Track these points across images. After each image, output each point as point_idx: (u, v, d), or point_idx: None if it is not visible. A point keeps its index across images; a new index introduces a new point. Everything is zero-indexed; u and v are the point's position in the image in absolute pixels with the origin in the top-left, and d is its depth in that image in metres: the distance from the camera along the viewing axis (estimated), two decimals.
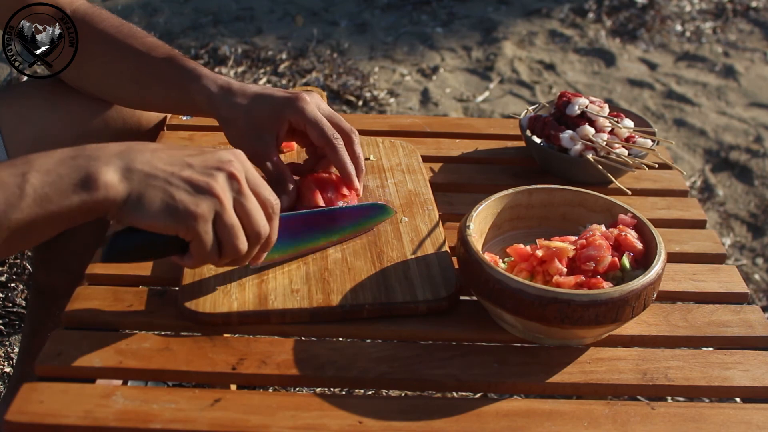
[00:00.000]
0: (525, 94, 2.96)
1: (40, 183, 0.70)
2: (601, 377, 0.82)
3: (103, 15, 1.09)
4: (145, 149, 0.78)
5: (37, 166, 0.71)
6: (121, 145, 0.77)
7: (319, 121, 0.98)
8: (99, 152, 0.75)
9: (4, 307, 1.77)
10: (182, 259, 0.81)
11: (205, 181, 0.77)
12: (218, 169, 0.79)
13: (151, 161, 0.77)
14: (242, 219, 0.80)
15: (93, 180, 0.72)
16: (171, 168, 0.77)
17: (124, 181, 0.74)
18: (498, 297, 0.81)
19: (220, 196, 0.77)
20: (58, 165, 0.72)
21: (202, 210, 0.77)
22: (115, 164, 0.74)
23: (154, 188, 0.75)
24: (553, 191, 0.96)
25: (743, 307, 0.93)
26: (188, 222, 0.76)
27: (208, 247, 0.78)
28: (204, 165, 0.79)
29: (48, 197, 0.71)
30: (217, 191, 0.77)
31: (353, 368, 0.81)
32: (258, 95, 0.99)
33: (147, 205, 0.75)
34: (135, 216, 0.75)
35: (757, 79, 3.18)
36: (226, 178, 0.79)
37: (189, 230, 0.77)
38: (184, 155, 0.79)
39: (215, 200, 0.77)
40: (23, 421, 0.73)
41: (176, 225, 0.76)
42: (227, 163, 0.80)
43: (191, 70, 1.01)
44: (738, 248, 2.24)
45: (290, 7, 3.56)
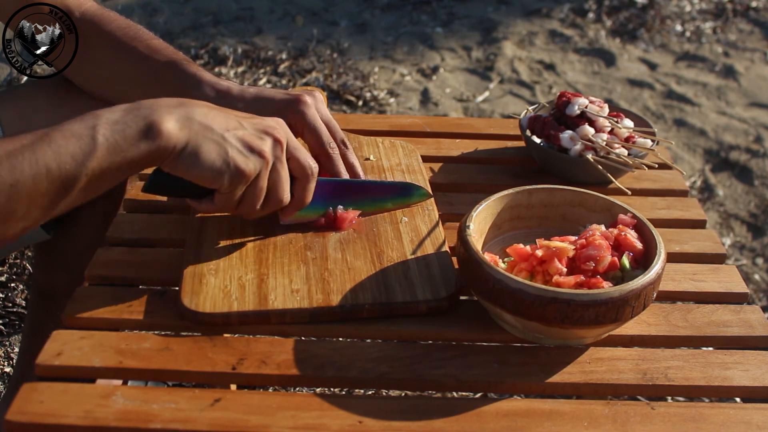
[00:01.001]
0: (525, 94, 2.96)
1: (111, 132, 0.76)
2: (601, 377, 0.82)
3: (111, 17, 1.09)
4: (202, 105, 0.84)
5: (105, 119, 0.77)
6: (179, 99, 0.84)
7: (318, 128, 0.99)
8: (159, 103, 0.81)
9: (4, 307, 1.77)
10: (199, 204, 0.88)
11: (257, 143, 0.84)
12: (267, 134, 0.86)
13: (209, 115, 0.83)
14: (270, 184, 0.87)
15: (156, 128, 0.78)
16: (227, 125, 0.84)
17: (183, 129, 0.80)
18: (498, 297, 0.81)
19: (267, 159, 0.85)
20: (124, 115, 0.78)
21: (250, 170, 0.84)
22: (176, 114, 0.80)
23: (211, 141, 0.82)
24: (553, 191, 0.96)
25: (743, 307, 0.94)
26: (235, 179, 0.84)
27: (233, 202, 0.87)
28: (255, 128, 0.86)
29: (118, 145, 0.76)
30: (266, 154, 0.85)
31: (353, 368, 0.81)
32: (258, 98, 1.00)
33: (202, 157, 0.81)
34: (188, 165, 0.81)
35: (757, 79, 3.18)
36: (273, 142, 0.86)
37: (230, 186, 0.84)
38: (238, 116, 0.87)
39: (263, 162, 0.85)
40: (23, 421, 0.73)
41: (222, 179, 0.83)
42: (274, 128, 0.87)
43: (192, 76, 1.01)
44: (738, 248, 2.24)
45: (290, 7, 3.56)
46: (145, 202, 1.09)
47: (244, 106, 0.98)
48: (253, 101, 1.00)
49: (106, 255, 0.97)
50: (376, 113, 2.75)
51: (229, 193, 0.85)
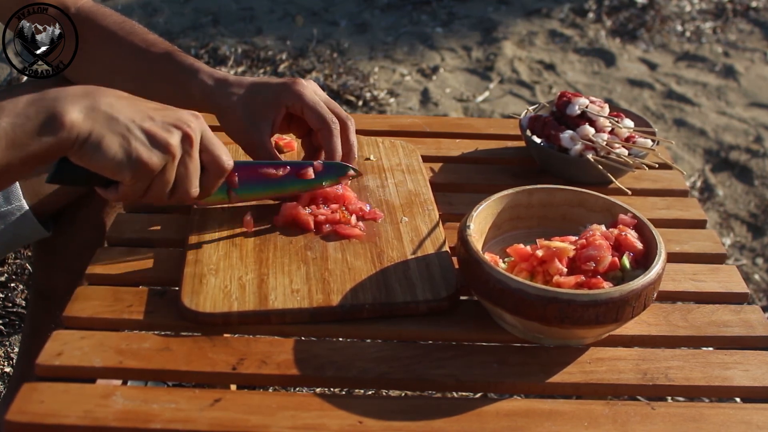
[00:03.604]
0: (525, 94, 2.96)
1: (11, 126, 0.73)
2: (601, 377, 0.82)
3: (106, 13, 1.09)
4: (110, 94, 0.81)
5: (7, 111, 0.74)
6: (87, 87, 0.81)
7: (316, 104, 1.00)
8: (64, 92, 0.78)
9: (4, 307, 1.77)
10: (106, 192, 0.86)
11: (163, 136, 0.81)
12: (176, 127, 0.83)
13: (115, 105, 0.80)
14: (178, 177, 0.85)
15: (59, 119, 0.75)
16: (133, 116, 0.81)
17: (87, 120, 0.77)
18: (498, 297, 0.81)
19: (173, 154, 0.82)
20: (26, 107, 0.75)
21: (153, 163, 0.81)
22: (80, 104, 0.78)
23: (114, 133, 0.79)
24: (553, 191, 0.96)
25: (743, 307, 0.93)
26: (138, 172, 0.81)
27: (139, 193, 0.84)
28: (164, 120, 0.83)
29: (18, 139, 0.74)
30: (172, 149, 0.82)
31: (353, 368, 0.81)
32: (255, 84, 1.02)
33: (105, 149, 0.78)
34: (91, 157, 0.79)
35: (757, 79, 3.18)
36: (182, 137, 0.83)
37: (133, 178, 0.81)
38: (147, 107, 0.84)
39: (167, 156, 0.82)
40: (23, 421, 0.73)
41: (124, 172, 0.80)
42: (185, 122, 0.84)
43: (189, 66, 1.02)
44: (738, 248, 2.24)
45: (290, 7, 3.56)
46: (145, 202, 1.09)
47: (242, 92, 1.00)
48: (250, 87, 1.01)
49: (106, 255, 0.97)
50: (376, 113, 2.75)
51: (133, 184, 0.83)
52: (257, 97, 1.00)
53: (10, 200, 1.08)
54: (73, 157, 0.79)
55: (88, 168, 0.80)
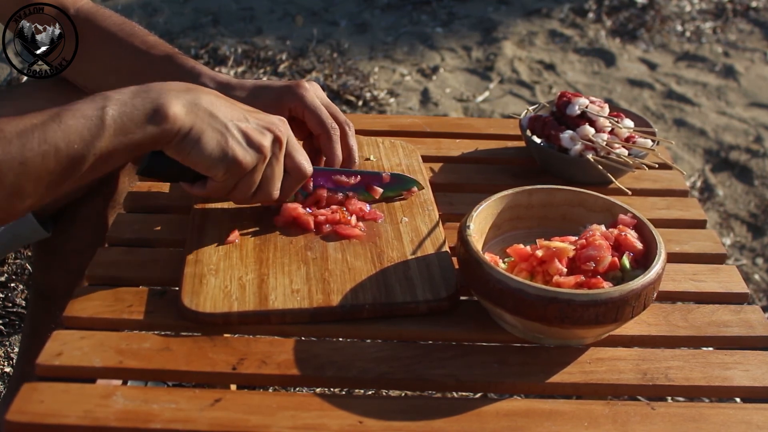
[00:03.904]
0: (525, 94, 2.96)
1: (119, 114, 0.78)
2: (601, 377, 0.82)
3: (106, 14, 1.09)
4: (209, 92, 0.86)
5: (114, 100, 0.78)
6: (187, 84, 0.85)
7: (317, 108, 1.01)
8: (168, 86, 0.83)
9: (4, 307, 1.77)
10: (192, 188, 0.90)
11: (258, 138, 0.86)
12: (269, 130, 0.87)
13: (215, 104, 0.85)
14: (264, 178, 0.89)
15: (163, 111, 0.79)
16: (231, 116, 0.85)
17: (190, 114, 0.81)
18: (498, 297, 0.81)
19: (265, 155, 0.87)
20: (132, 97, 0.79)
21: (247, 163, 0.85)
22: (184, 98, 0.82)
23: (213, 130, 0.83)
24: (553, 191, 0.96)
25: (743, 307, 0.93)
26: (231, 169, 0.85)
27: (226, 191, 0.88)
28: (258, 122, 0.87)
29: (125, 126, 0.78)
30: (265, 150, 0.87)
31: (353, 368, 0.81)
32: (257, 87, 1.03)
33: (204, 144, 0.83)
34: (189, 150, 0.83)
35: (757, 79, 3.18)
36: (273, 140, 0.88)
37: (225, 175, 0.85)
38: (242, 108, 0.88)
39: (260, 157, 0.87)
40: (24, 420, 0.73)
41: (219, 168, 0.85)
42: (277, 126, 0.89)
43: (190, 69, 1.02)
44: (738, 248, 2.24)
45: (290, 7, 3.56)
46: (145, 202, 1.09)
47: (244, 95, 1.00)
48: (252, 90, 1.02)
49: (106, 255, 0.97)
50: (376, 113, 2.75)
51: (222, 181, 0.87)
52: (260, 100, 1.00)
53: None
54: (171, 150, 0.83)
55: (183, 162, 0.84)
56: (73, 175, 0.77)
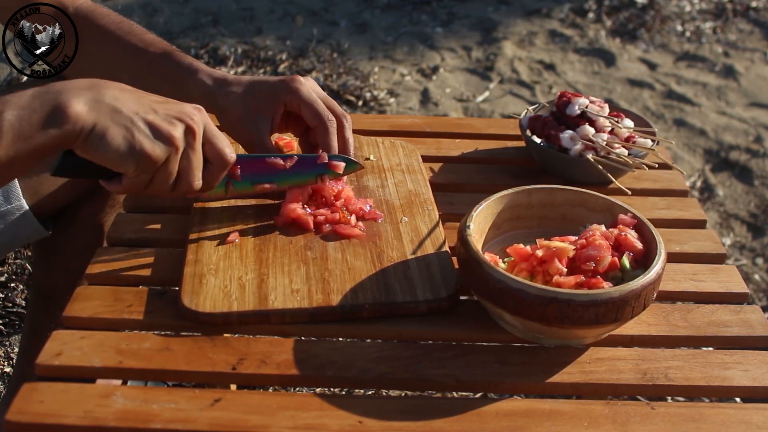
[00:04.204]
0: (525, 94, 2.96)
1: (17, 118, 0.74)
2: (601, 377, 0.82)
3: (104, 12, 1.09)
4: (113, 86, 0.82)
5: (12, 104, 0.75)
6: (91, 80, 0.81)
7: (313, 101, 1.00)
8: (69, 85, 0.78)
9: (4, 307, 1.77)
10: (109, 184, 0.86)
11: (166, 129, 0.82)
12: (179, 120, 0.84)
13: (119, 98, 0.81)
14: (181, 169, 0.85)
15: (63, 111, 0.76)
16: (137, 109, 0.82)
17: (92, 112, 0.78)
18: (498, 297, 0.81)
19: (176, 146, 0.83)
20: (31, 100, 0.76)
21: (157, 156, 0.82)
22: (85, 96, 0.78)
23: (118, 125, 0.80)
24: (553, 191, 0.96)
25: (743, 307, 0.93)
26: (140, 163, 0.81)
27: (143, 185, 0.85)
28: (167, 113, 0.84)
29: (24, 131, 0.74)
30: (175, 141, 0.83)
31: (353, 368, 0.81)
32: (253, 82, 1.02)
33: (108, 141, 0.79)
34: (95, 148, 0.79)
35: (757, 79, 3.18)
36: (185, 129, 0.84)
37: (137, 170, 0.82)
38: (150, 100, 0.84)
39: (171, 149, 0.83)
40: (23, 420, 0.73)
41: (129, 164, 0.81)
42: (188, 114, 0.85)
43: (188, 66, 1.02)
44: (738, 248, 2.24)
45: (290, 7, 3.56)
46: (145, 202, 1.09)
47: (240, 90, 1.00)
48: (248, 85, 1.01)
49: (106, 255, 0.97)
50: (376, 113, 2.75)
51: (136, 176, 0.83)
52: (256, 95, 1.00)
53: (10, 200, 1.08)
54: (78, 149, 0.80)
55: (92, 160, 0.81)
56: None
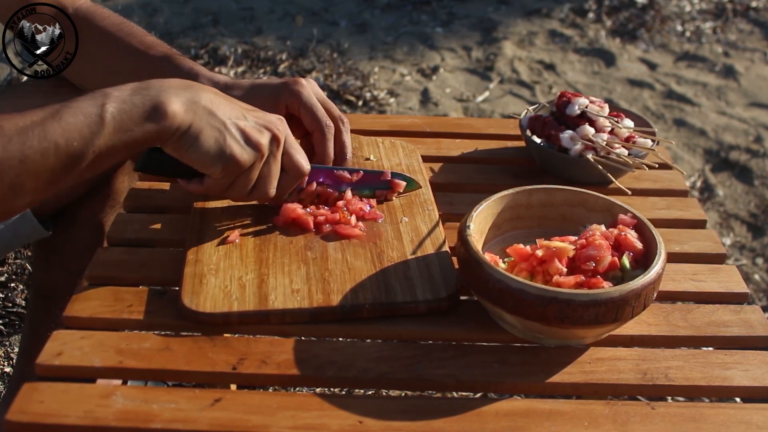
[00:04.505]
0: (525, 94, 2.96)
1: (118, 111, 0.78)
2: (601, 377, 0.82)
3: (105, 13, 1.09)
4: (208, 90, 0.86)
5: (113, 97, 0.78)
6: (187, 82, 0.85)
7: (313, 105, 1.02)
8: (167, 84, 0.83)
9: (4, 307, 1.77)
10: (188, 184, 0.90)
11: (256, 136, 0.86)
12: (267, 129, 0.88)
13: (214, 101, 0.85)
14: (261, 176, 0.89)
15: (162, 108, 0.80)
16: (230, 114, 0.85)
17: (189, 112, 0.82)
18: (498, 297, 0.81)
19: (263, 153, 0.87)
20: (132, 95, 0.79)
21: (244, 161, 0.86)
22: (183, 96, 0.82)
23: (212, 128, 0.84)
24: (553, 191, 0.96)
25: (743, 307, 0.93)
26: (228, 167, 0.86)
27: (223, 188, 0.89)
28: (256, 121, 0.88)
29: (124, 124, 0.78)
30: (262, 148, 0.87)
31: (353, 368, 0.81)
32: (255, 85, 1.03)
33: (202, 142, 0.83)
34: (187, 148, 0.83)
35: (757, 79, 3.18)
36: (271, 138, 0.88)
37: (222, 173, 0.86)
38: (241, 106, 0.88)
39: (258, 155, 0.87)
40: (24, 420, 0.73)
41: (216, 166, 0.85)
42: (275, 124, 0.89)
43: (189, 69, 1.02)
44: (738, 248, 2.24)
45: (290, 7, 3.56)
46: (145, 202, 1.09)
47: (242, 94, 1.01)
48: (250, 88, 1.02)
49: (106, 255, 0.97)
50: (376, 113, 2.75)
51: (220, 179, 0.87)
52: (258, 98, 1.00)
53: None
54: (169, 147, 0.83)
55: (180, 159, 0.84)
56: (72, 171, 0.77)
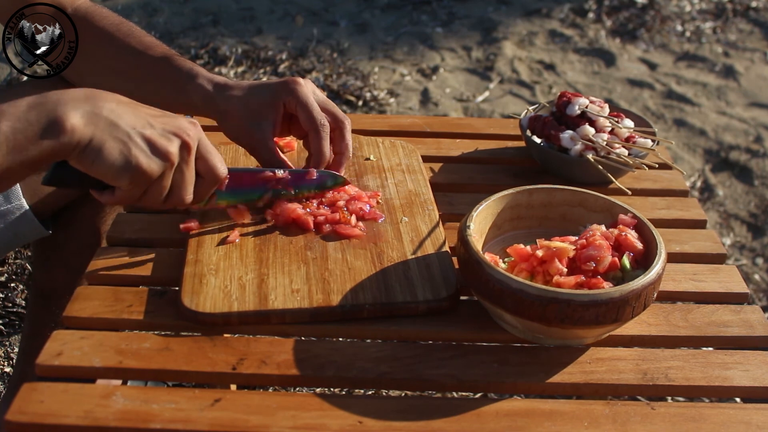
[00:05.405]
0: (525, 94, 2.96)
1: (11, 130, 0.73)
2: (601, 377, 0.82)
3: (104, 13, 1.09)
4: (111, 98, 0.81)
5: (8, 115, 0.74)
6: (87, 91, 0.80)
7: (309, 104, 1.00)
8: (65, 96, 0.78)
9: (4, 307, 1.77)
10: (101, 195, 0.86)
11: (163, 144, 0.82)
12: (176, 135, 0.83)
13: (116, 111, 0.80)
14: (174, 184, 0.85)
15: (60, 124, 0.75)
16: (134, 123, 0.81)
17: (89, 125, 0.77)
18: (498, 297, 0.81)
19: (172, 162, 0.83)
20: (27, 111, 0.75)
21: (152, 171, 0.82)
22: (82, 108, 0.77)
23: (115, 140, 0.79)
24: (553, 191, 0.96)
25: (743, 307, 0.93)
26: (136, 178, 0.81)
27: (135, 197, 0.85)
28: (164, 128, 0.83)
29: (20, 144, 0.74)
30: (171, 157, 0.83)
31: (353, 368, 0.81)
32: (254, 86, 1.02)
33: (105, 155, 0.79)
34: (91, 162, 0.79)
35: (757, 79, 3.18)
36: (180, 145, 0.84)
37: (131, 184, 0.82)
38: (147, 114, 0.84)
39: (166, 164, 0.83)
40: (24, 420, 0.73)
41: (124, 178, 0.81)
42: (184, 130, 0.84)
43: (188, 70, 1.02)
44: (738, 248, 2.24)
45: (290, 7, 3.56)
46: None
47: (241, 94, 1.00)
48: (249, 88, 1.02)
49: (106, 255, 0.97)
50: (376, 113, 2.75)
51: (130, 189, 0.83)
52: (256, 98, 1.00)
53: (10, 199, 1.08)
54: (73, 162, 0.79)
55: (86, 173, 0.80)
56: None
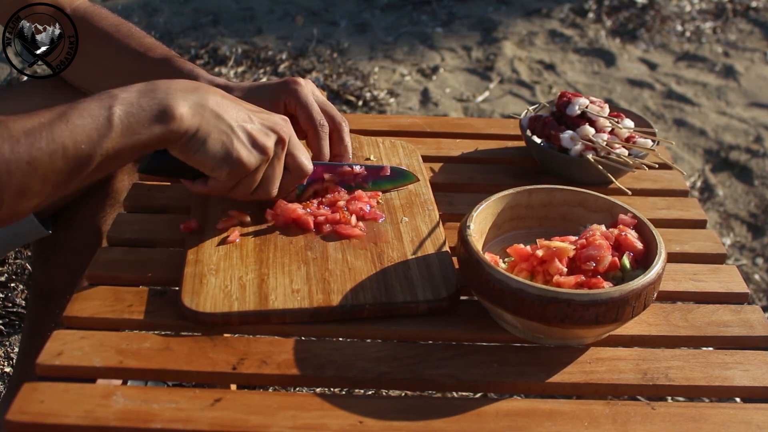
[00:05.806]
0: (525, 94, 2.96)
1: (125, 114, 0.78)
2: (601, 377, 0.82)
3: (103, 14, 1.09)
4: (215, 92, 0.86)
5: (120, 99, 0.79)
6: (194, 83, 0.85)
7: (309, 104, 1.02)
8: (175, 85, 0.83)
9: (4, 307, 1.77)
10: (193, 185, 0.91)
11: (262, 139, 0.87)
12: (273, 131, 0.89)
13: (221, 104, 0.85)
14: (265, 177, 0.90)
15: (170, 112, 0.80)
16: (237, 117, 0.86)
17: (197, 115, 0.82)
18: (498, 297, 0.81)
19: (268, 156, 0.88)
20: (139, 97, 0.79)
21: (251, 164, 0.87)
22: (191, 99, 0.82)
23: (219, 131, 0.84)
24: (553, 191, 0.96)
25: (743, 307, 0.93)
26: (235, 170, 0.86)
27: (228, 189, 0.90)
28: (263, 123, 0.88)
29: (132, 127, 0.78)
30: (269, 152, 0.88)
31: (353, 368, 0.81)
32: (254, 86, 1.04)
33: (209, 145, 0.84)
34: (194, 151, 0.84)
35: (757, 79, 3.18)
36: (276, 140, 0.89)
37: (229, 175, 0.87)
38: (247, 108, 0.89)
39: (263, 158, 0.88)
40: (24, 420, 0.73)
41: (223, 169, 0.86)
42: (280, 125, 0.90)
43: (189, 72, 1.02)
44: (738, 248, 2.24)
45: (290, 7, 3.56)
46: (145, 202, 1.09)
47: (242, 95, 1.01)
48: (250, 89, 1.03)
49: (106, 255, 0.97)
50: (376, 113, 2.75)
51: (225, 181, 0.88)
52: (257, 98, 1.00)
53: None
54: (176, 150, 0.84)
55: (187, 162, 0.85)
56: (80, 174, 0.77)
